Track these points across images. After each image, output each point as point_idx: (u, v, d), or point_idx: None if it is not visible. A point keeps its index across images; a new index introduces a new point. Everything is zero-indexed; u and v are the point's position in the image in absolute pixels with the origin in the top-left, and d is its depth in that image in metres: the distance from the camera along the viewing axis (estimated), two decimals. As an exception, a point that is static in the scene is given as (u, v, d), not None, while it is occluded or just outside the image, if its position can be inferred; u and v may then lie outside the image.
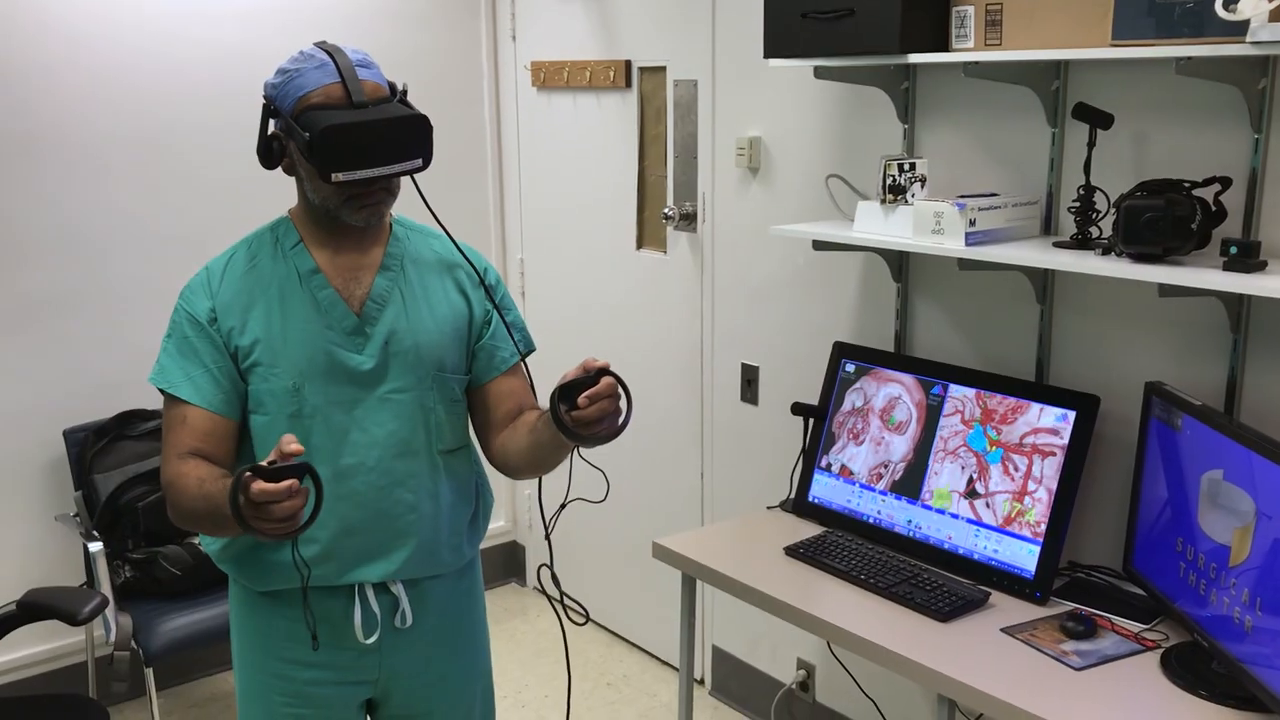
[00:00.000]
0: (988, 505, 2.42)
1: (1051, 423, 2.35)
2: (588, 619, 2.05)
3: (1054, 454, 2.34)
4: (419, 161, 1.77)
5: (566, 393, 1.66)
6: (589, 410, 1.65)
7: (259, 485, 1.48)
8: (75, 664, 3.44)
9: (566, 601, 2.01)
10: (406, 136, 1.75)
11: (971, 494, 2.45)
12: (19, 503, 3.33)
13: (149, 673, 2.98)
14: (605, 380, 1.65)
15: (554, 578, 1.99)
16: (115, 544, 3.17)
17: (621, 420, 1.69)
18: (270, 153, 1.80)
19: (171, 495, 1.79)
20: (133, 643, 2.94)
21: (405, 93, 1.83)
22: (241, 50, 3.49)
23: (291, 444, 1.52)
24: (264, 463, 1.51)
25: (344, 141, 1.70)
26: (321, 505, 1.57)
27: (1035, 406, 2.39)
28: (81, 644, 3.41)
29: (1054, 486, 2.32)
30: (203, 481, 1.72)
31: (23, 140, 3.20)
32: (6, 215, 3.21)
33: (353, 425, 1.85)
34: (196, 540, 3.15)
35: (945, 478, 2.50)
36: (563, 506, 1.93)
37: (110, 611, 2.94)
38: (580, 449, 1.76)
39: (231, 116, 3.48)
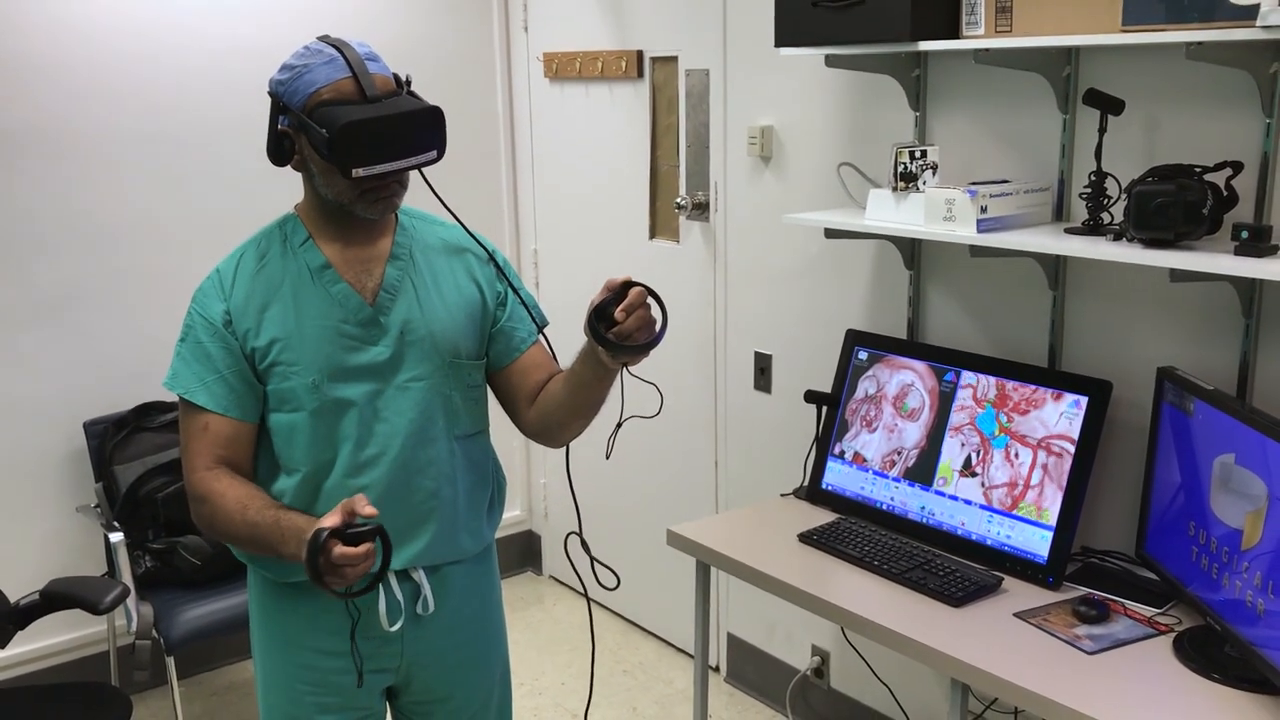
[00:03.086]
0: (984, 485, 2.43)
1: (1066, 410, 2.36)
2: (619, 583, 2.07)
3: (1062, 456, 2.34)
4: (434, 153, 1.79)
5: (601, 314, 1.71)
6: (628, 322, 1.70)
7: (340, 550, 1.59)
8: (97, 653, 3.49)
9: (597, 567, 2.04)
10: (422, 129, 1.76)
11: (970, 474, 2.46)
12: (41, 494, 3.37)
13: (170, 661, 3.01)
14: (634, 290, 1.71)
15: (583, 544, 2.01)
16: (135, 534, 3.20)
17: (659, 326, 1.74)
18: (281, 150, 1.80)
19: (205, 510, 1.81)
20: (154, 632, 2.97)
21: (409, 83, 1.84)
22: (251, 44, 3.51)
23: (365, 506, 1.61)
24: (337, 522, 1.60)
25: (364, 137, 1.71)
26: (388, 565, 1.69)
27: (1050, 402, 2.39)
28: (103, 633, 3.45)
29: (1063, 479, 2.33)
30: (245, 509, 1.77)
31: (38, 135, 3.23)
32: (24, 209, 3.24)
33: (374, 416, 1.87)
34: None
35: (947, 454, 2.52)
36: (619, 425, 1.95)
37: (131, 601, 2.97)
38: (629, 368, 1.80)
39: (243, 110, 3.50)
